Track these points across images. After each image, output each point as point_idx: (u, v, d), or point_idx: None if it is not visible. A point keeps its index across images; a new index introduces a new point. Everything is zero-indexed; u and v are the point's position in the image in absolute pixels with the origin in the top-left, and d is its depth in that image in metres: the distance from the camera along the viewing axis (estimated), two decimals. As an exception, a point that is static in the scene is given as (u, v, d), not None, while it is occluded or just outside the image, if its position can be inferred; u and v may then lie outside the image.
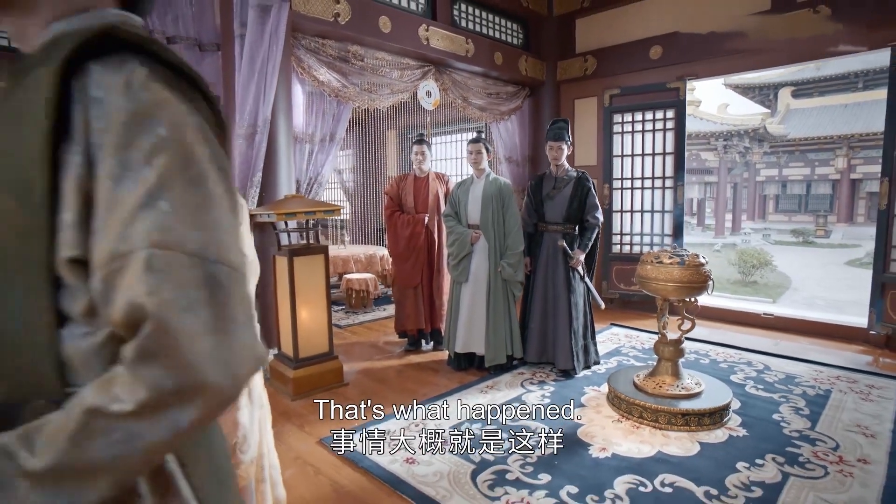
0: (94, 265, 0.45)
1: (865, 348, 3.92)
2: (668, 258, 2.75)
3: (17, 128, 0.47)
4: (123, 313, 0.43)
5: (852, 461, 2.25)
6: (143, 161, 0.45)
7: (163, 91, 0.48)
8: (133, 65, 0.48)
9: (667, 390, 2.74)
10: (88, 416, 0.42)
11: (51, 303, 0.47)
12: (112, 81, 0.47)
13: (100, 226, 0.45)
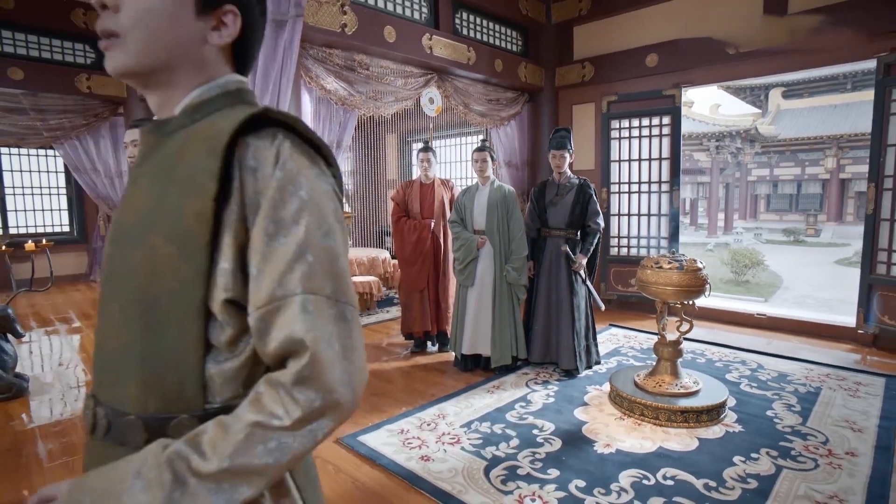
0: (252, 305, 0.56)
1: (854, 347, 4.09)
2: (668, 263, 2.89)
3: (179, 185, 0.57)
4: (281, 344, 0.54)
5: (841, 454, 2.40)
6: (292, 220, 0.56)
7: (302, 160, 0.59)
8: (280, 139, 0.58)
9: (666, 389, 2.88)
10: (252, 430, 0.52)
11: (202, 334, 0.57)
12: (264, 153, 0.57)
13: (256, 273, 0.55)
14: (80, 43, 5.93)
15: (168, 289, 0.57)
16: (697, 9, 4.85)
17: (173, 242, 0.56)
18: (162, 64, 0.62)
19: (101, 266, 0.70)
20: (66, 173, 8.43)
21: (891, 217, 3.82)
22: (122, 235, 0.62)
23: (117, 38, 0.60)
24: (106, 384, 0.61)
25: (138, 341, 0.58)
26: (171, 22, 0.60)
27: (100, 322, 0.64)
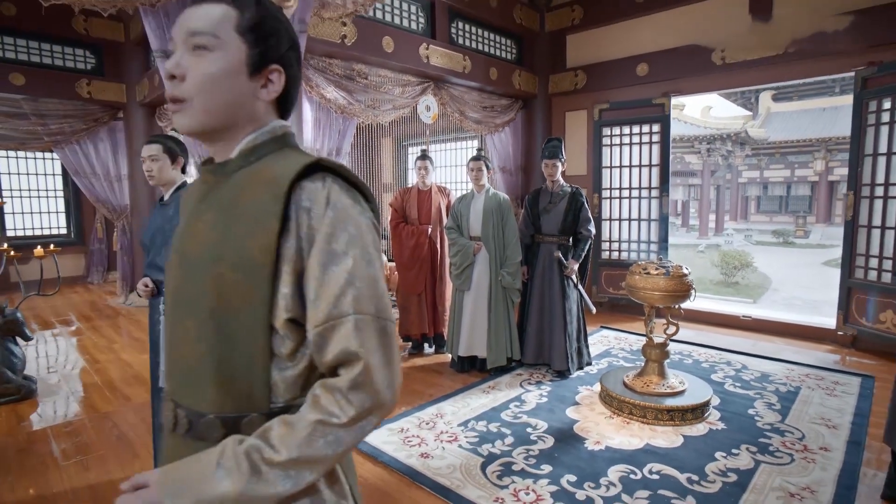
0: (311, 323, 0.68)
1: (833, 348, 4.26)
2: (655, 269, 3.03)
3: (244, 223, 0.68)
4: (337, 356, 0.66)
5: (815, 449, 2.56)
6: (342, 252, 0.67)
7: (347, 200, 0.70)
8: (329, 182, 0.70)
9: (654, 389, 3.02)
10: (315, 427, 0.64)
11: (267, 346, 0.69)
12: (317, 195, 0.69)
13: (313, 297, 0.67)
14: (80, 49, 6.01)
15: (237, 310, 0.68)
16: (686, 20, 5.01)
17: (240, 271, 0.68)
18: (222, 122, 0.73)
19: (166, 288, 0.81)
20: (63, 176, 8.48)
21: (868, 224, 3.99)
22: (189, 263, 0.73)
23: (184, 103, 0.71)
24: (185, 389, 0.73)
25: (213, 353, 0.69)
26: (229, 86, 0.72)
27: (172, 337, 0.75)
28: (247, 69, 0.73)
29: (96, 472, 2.53)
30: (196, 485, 0.63)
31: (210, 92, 0.71)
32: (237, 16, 0.72)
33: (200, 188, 0.78)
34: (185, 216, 0.80)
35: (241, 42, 0.72)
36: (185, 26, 0.71)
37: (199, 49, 0.70)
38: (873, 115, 3.91)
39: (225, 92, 0.71)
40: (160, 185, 2.19)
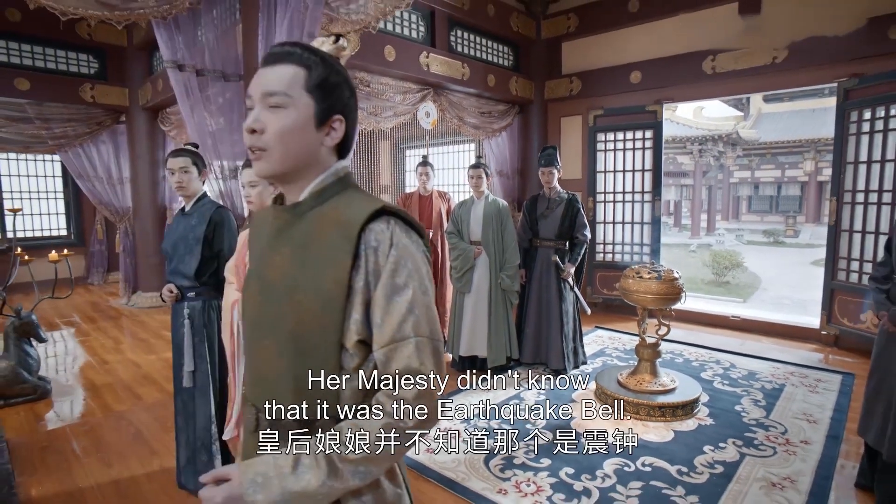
0: (377, 344, 0.80)
1: (817, 347, 4.45)
2: (647, 273, 3.19)
3: (319, 258, 0.81)
4: (401, 371, 0.78)
5: (796, 442, 2.73)
6: (403, 285, 0.80)
7: (407, 239, 0.83)
8: (392, 224, 0.82)
9: (646, 387, 3.19)
10: (384, 429, 0.76)
11: (338, 362, 0.82)
12: (382, 236, 0.81)
13: (380, 322, 0.80)
14: (84, 53, 6.09)
15: (314, 332, 0.81)
16: (678, 30, 5.17)
17: (317, 300, 0.81)
18: (294, 167, 0.86)
19: (244, 309, 0.94)
20: (63, 178, 8.55)
21: (850, 228, 4.18)
22: (269, 290, 0.86)
23: (264, 153, 0.84)
24: (265, 394, 0.86)
25: (292, 367, 0.82)
26: (300, 137, 0.84)
27: (254, 352, 0.89)
28: (315, 121, 0.85)
29: (118, 469, 2.65)
30: (278, 479, 0.75)
31: (285, 143, 0.83)
32: (305, 76, 0.84)
33: (273, 224, 0.90)
34: (259, 247, 0.93)
35: (310, 99, 0.84)
36: (261, 87, 0.83)
37: (274, 107, 0.83)
38: (854, 125, 4.10)
39: (297, 142, 0.84)
40: (185, 196, 2.31)
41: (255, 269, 0.91)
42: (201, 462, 2.33)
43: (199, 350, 2.28)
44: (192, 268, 2.24)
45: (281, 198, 0.93)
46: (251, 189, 1.97)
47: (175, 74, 3.62)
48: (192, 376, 2.28)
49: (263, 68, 0.85)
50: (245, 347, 0.93)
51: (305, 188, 0.88)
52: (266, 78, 0.84)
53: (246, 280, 0.94)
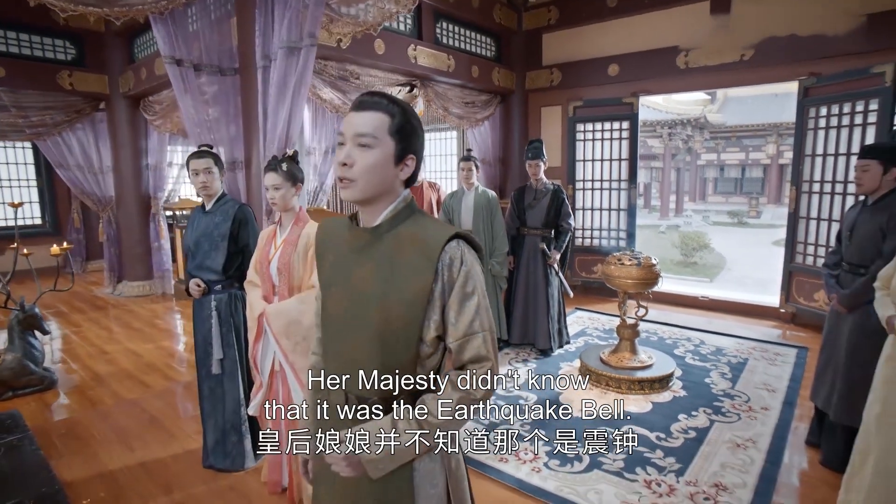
0: (452, 337, 1.01)
1: (777, 324, 4.88)
2: (628, 260, 3.49)
3: (403, 272, 1.00)
4: (472, 358, 1.00)
5: (757, 409, 3.09)
6: (471, 293, 1.01)
7: (472, 257, 1.03)
8: (461, 245, 1.02)
9: (626, 363, 3.50)
10: (460, 401, 0.98)
11: (417, 352, 1.03)
12: (454, 255, 1.01)
13: (454, 321, 1.00)
14: (60, 39, 5.95)
15: (399, 330, 1.02)
16: (654, 26, 5.43)
17: (402, 305, 1.01)
18: (375, 195, 1.05)
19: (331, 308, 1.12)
20: (35, 165, 8.36)
21: (807, 215, 4.57)
22: (357, 296, 1.05)
23: (352, 182, 1.03)
24: (354, 379, 1.05)
25: (378, 356, 1.03)
26: (382, 172, 1.03)
27: (344, 345, 1.08)
28: (394, 159, 1.04)
29: (141, 452, 2.81)
30: (380, 437, 0.98)
31: (369, 176, 1.02)
32: (389, 122, 1.02)
33: (353, 241, 1.09)
34: (340, 258, 1.11)
35: (391, 140, 1.03)
36: (354, 128, 1.02)
37: (362, 146, 1.02)
38: (812, 121, 4.45)
39: (379, 176, 1.03)
40: (207, 195, 2.45)
41: (336, 278, 1.10)
42: (231, 442, 2.52)
43: (227, 339, 2.45)
44: (220, 263, 2.40)
45: (354, 216, 1.13)
46: (275, 192, 2.14)
47: (173, 69, 3.66)
48: (220, 364, 2.46)
49: (355, 112, 1.03)
50: (329, 339, 1.13)
51: (381, 212, 1.07)
52: (358, 121, 1.02)
53: (326, 286, 1.14)
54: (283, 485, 2.35)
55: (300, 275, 2.16)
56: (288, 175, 2.14)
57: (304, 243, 2.16)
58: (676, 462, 2.56)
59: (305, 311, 2.11)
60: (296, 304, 2.13)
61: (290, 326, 2.10)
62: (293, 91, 3.41)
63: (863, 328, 2.31)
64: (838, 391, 2.42)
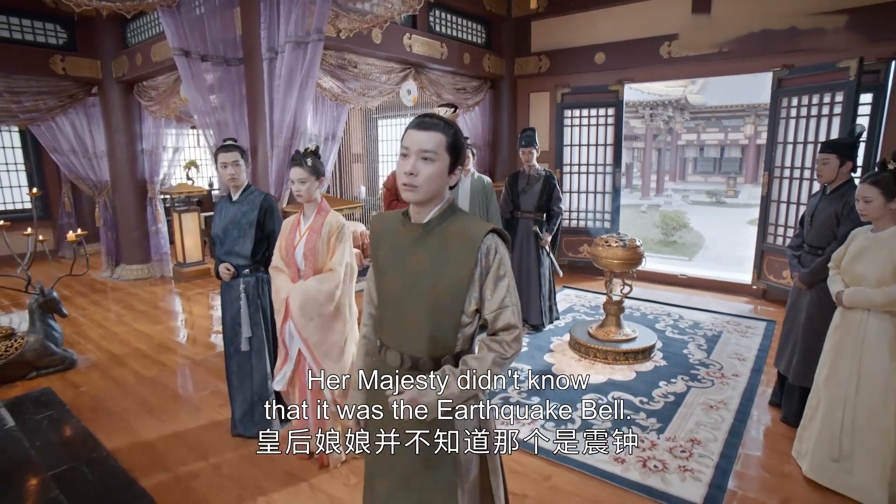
0: (488, 310, 1.27)
1: (749, 299, 5.27)
2: (615, 242, 3.78)
3: (451, 261, 1.25)
4: (504, 325, 1.26)
5: (729, 376, 3.45)
6: (503, 275, 1.27)
7: (502, 247, 1.29)
8: (495, 238, 1.28)
9: (612, 337, 3.83)
10: (495, 359, 1.25)
11: (458, 321, 1.28)
12: (491, 245, 1.26)
13: (489, 297, 1.26)
14: (51, 23, 5.93)
15: (446, 305, 1.28)
16: (638, 16, 5.65)
17: (450, 285, 1.27)
18: (430, 198, 1.29)
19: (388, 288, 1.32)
20: (23, 149, 8.30)
21: (778, 199, 4.92)
22: (412, 279, 1.30)
23: (415, 188, 1.25)
24: (408, 343, 1.32)
25: (429, 326, 1.29)
26: (438, 180, 1.27)
27: (399, 317, 1.32)
28: (447, 170, 1.28)
29: (171, 424, 3.05)
30: (434, 389, 1.24)
31: (430, 183, 1.26)
32: (446, 140, 1.26)
33: (406, 234, 1.33)
34: (395, 248, 1.35)
35: (447, 154, 1.27)
36: (418, 145, 1.24)
37: (426, 159, 1.25)
38: (784, 110, 4.76)
39: (436, 183, 1.27)
40: (234, 186, 2.65)
41: (392, 264, 1.35)
42: (259, 413, 2.77)
43: (255, 318, 2.68)
44: (248, 249, 2.61)
45: (406, 213, 1.37)
46: (300, 185, 2.35)
47: (181, 60, 3.79)
48: (248, 341, 2.69)
49: (417, 131, 1.26)
50: (387, 312, 1.38)
51: (431, 210, 1.32)
52: (421, 139, 1.25)
53: (382, 271, 1.38)
54: (310, 450, 2.61)
55: (323, 258, 2.40)
56: (312, 169, 2.35)
57: (327, 230, 2.39)
58: (657, 422, 2.90)
59: (323, 290, 2.35)
60: (315, 283, 2.37)
61: (305, 304, 2.34)
62: (301, 83, 3.58)
63: (819, 303, 2.64)
64: (797, 357, 2.76)
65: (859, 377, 2.20)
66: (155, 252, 6.79)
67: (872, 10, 4.37)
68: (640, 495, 2.30)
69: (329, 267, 2.41)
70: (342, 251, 2.40)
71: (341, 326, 2.43)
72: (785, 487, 2.36)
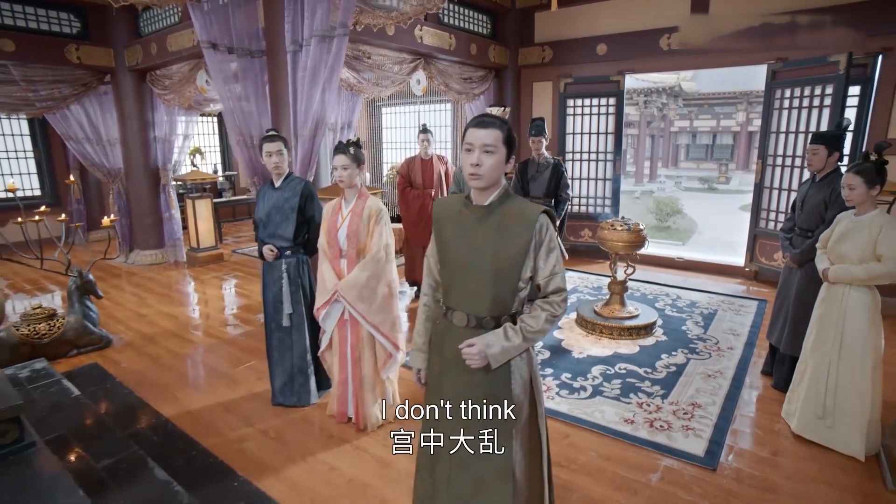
0: (541, 276, 1.53)
1: (742, 280, 5.58)
2: (620, 226, 4.05)
3: (510, 236, 1.50)
4: (554, 289, 1.52)
5: (724, 349, 3.75)
6: (553, 248, 1.52)
7: (552, 225, 1.53)
8: (545, 217, 1.52)
9: (617, 314, 4.11)
10: (548, 317, 1.52)
11: (516, 286, 1.54)
12: (543, 223, 1.51)
13: (542, 266, 1.52)
14: (64, 12, 6.03)
15: (505, 272, 1.52)
16: (639, 9, 5.85)
17: (509, 256, 1.51)
18: (491, 184, 1.53)
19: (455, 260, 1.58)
20: (31, 136, 8.38)
21: (770, 185, 5.20)
22: (476, 251, 1.53)
23: (480, 176, 1.49)
24: (474, 306, 1.57)
25: (490, 289, 1.53)
26: (498, 169, 1.51)
27: (465, 283, 1.56)
28: (504, 160, 1.53)
29: (212, 395, 3.29)
30: (498, 341, 1.50)
31: (492, 172, 1.50)
32: (502, 134, 1.50)
33: (469, 215, 1.57)
34: (458, 226, 1.59)
35: (503, 147, 1.51)
36: (480, 140, 1.48)
37: (487, 152, 1.49)
38: (778, 101, 5.02)
39: (496, 172, 1.52)
40: (277, 174, 2.87)
41: (457, 240, 1.59)
42: (298, 383, 3.03)
43: (296, 296, 2.92)
44: (291, 232, 2.84)
45: (468, 198, 1.61)
46: (343, 171, 2.58)
47: (210, 53, 3.96)
48: (289, 317, 2.93)
49: (478, 129, 1.49)
50: (453, 280, 1.62)
51: (491, 195, 1.56)
52: (482, 135, 1.49)
53: (446, 247, 1.62)
54: (349, 415, 2.88)
55: (364, 239, 2.64)
56: (354, 157, 2.57)
57: (367, 214, 2.63)
58: (661, 389, 3.19)
59: (365, 275, 2.61)
60: (359, 272, 2.62)
61: (361, 292, 2.60)
62: (326, 76, 3.77)
63: (808, 280, 2.93)
64: (787, 329, 3.06)
65: (841, 343, 2.49)
66: (168, 237, 6.97)
67: (861, 7, 4.61)
68: (649, 450, 2.59)
69: (370, 247, 2.65)
70: (380, 233, 2.64)
71: (396, 302, 2.72)
72: (775, 442, 2.66)
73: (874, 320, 2.44)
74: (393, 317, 2.72)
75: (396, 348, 2.75)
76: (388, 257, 2.68)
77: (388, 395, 2.90)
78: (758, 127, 23.40)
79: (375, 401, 2.80)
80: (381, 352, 2.77)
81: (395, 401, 2.93)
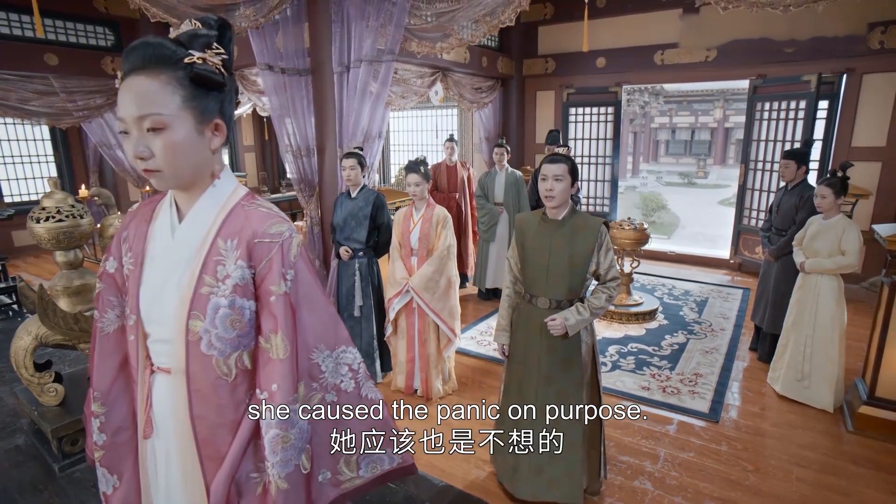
0: (602, 269, 2.11)
1: (728, 271, 6.28)
2: (627, 225, 4.68)
3: (580, 243, 2.08)
4: (612, 277, 2.11)
5: (717, 330, 4.42)
6: (609, 248, 2.11)
7: (608, 232, 2.12)
8: (604, 227, 2.11)
9: (624, 302, 4.74)
10: (608, 298, 2.11)
11: (585, 277, 2.13)
12: (602, 231, 2.10)
13: (602, 261, 2.10)
14: (100, 26, 6.39)
15: (577, 268, 2.11)
16: (636, 27, 6.47)
17: (580, 256, 2.10)
18: (562, 202, 2.11)
19: (537, 260, 2.03)
20: (52, 141, 8.65)
21: (752, 187, 5.89)
22: (555, 253, 2.11)
23: (554, 198, 2.08)
24: (553, 292, 2.14)
25: (567, 280, 2.11)
26: (566, 192, 2.10)
27: (547, 277, 2.14)
28: (570, 185, 2.10)
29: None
30: (573, 315, 2.09)
31: (562, 195, 2.08)
32: (567, 167, 2.08)
33: (546, 227, 2.15)
34: (538, 236, 2.17)
35: (569, 175, 2.08)
36: (552, 171, 2.06)
37: (557, 179, 2.06)
38: (758, 113, 5.70)
39: (566, 194, 2.09)
40: (353, 185, 3.39)
41: (537, 247, 2.17)
42: (366, 365, 3.57)
43: (366, 291, 3.46)
44: (364, 236, 3.38)
45: (544, 213, 2.19)
46: (416, 187, 3.14)
47: (265, 74, 4.43)
48: (360, 309, 3.47)
49: (551, 164, 2.08)
50: (536, 277, 2.19)
51: (562, 212, 2.15)
52: (554, 168, 2.07)
53: (529, 252, 2.20)
54: (415, 387, 3.43)
55: (433, 241, 3.20)
56: (424, 175, 3.13)
57: (435, 220, 3.19)
58: (668, 363, 3.82)
59: (434, 268, 3.16)
60: (427, 267, 3.17)
61: (427, 284, 3.16)
62: (375, 97, 4.29)
63: (784, 271, 3.58)
64: (768, 312, 3.72)
65: (815, 321, 3.14)
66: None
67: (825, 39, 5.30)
68: (664, 409, 3.21)
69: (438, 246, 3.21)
70: (445, 236, 3.20)
71: (454, 293, 3.26)
72: (763, 402, 3.32)
73: (840, 302, 3.10)
74: (451, 305, 3.28)
75: (454, 333, 3.32)
76: (450, 255, 3.24)
77: (445, 372, 3.47)
78: (734, 123, 24.60)
79: (438, 376, 3.37)
80: (442, 336, 3.34)
81: (451, 377, 3.50)
